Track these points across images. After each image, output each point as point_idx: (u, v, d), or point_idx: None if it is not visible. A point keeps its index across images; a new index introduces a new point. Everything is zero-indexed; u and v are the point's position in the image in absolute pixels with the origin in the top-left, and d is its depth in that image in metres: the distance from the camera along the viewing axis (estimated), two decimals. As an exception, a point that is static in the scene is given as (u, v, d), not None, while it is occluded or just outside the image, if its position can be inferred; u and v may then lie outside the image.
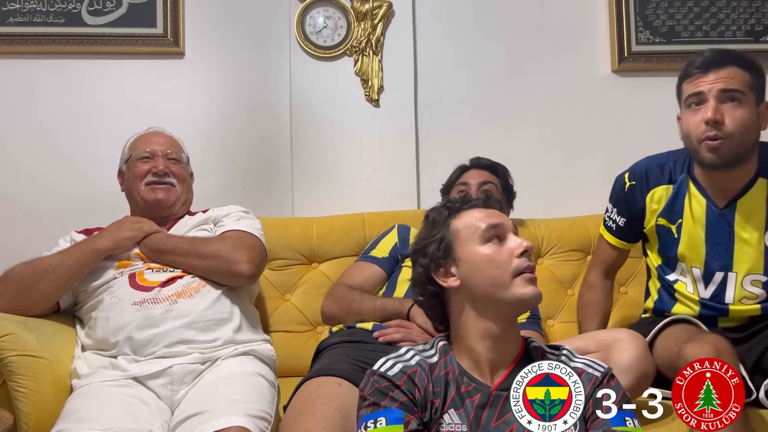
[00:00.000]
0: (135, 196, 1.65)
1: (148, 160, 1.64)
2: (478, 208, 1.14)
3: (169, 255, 1.52)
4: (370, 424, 1.00)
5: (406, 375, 1.05)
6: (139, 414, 1.25)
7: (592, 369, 1.07)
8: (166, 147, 1.67)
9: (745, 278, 1.45)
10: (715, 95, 1.38)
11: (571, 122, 2.26)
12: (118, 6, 2.14)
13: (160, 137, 1.70)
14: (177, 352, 1.38)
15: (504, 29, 2.26)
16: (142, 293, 1.44)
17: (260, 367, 1.43)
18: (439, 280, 1.12)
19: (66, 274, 1.45)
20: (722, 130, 1.37)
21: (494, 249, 1.09)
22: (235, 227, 1.60)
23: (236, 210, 1.69)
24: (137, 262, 1.53)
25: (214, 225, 1.65)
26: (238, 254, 1.50)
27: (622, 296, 1.96)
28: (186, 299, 1.44)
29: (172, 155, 1.67)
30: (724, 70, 1.39)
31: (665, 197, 1.52)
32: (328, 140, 2.16)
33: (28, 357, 1.31)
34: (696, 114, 1.40)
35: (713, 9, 2.28)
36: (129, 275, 1.49)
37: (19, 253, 1.56)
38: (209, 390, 1.32)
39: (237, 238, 1.55)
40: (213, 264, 1.50)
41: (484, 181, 1.79)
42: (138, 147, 1.67)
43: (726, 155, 1.38)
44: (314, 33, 2.18)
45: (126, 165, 1.68)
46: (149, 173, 1.62)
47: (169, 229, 1.63)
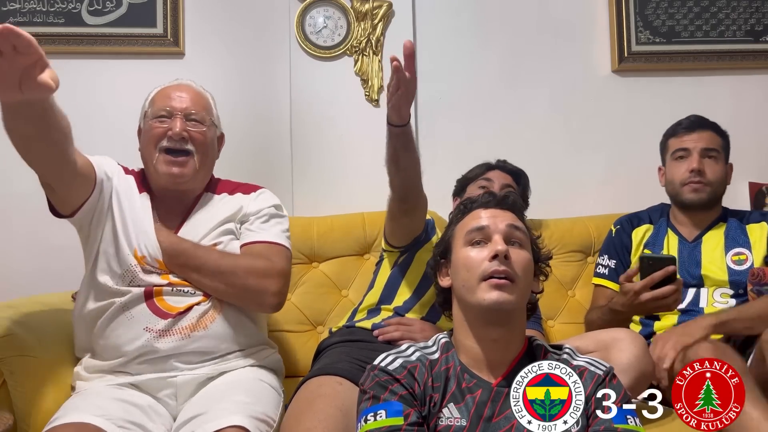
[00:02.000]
0: (148, 163, 1.46)
1: (164, 119, 1.44)
2: (483, 208, 1.15)
3: (193, 273, 1.38)
4: (370, 417, 1.01)
5: (407, 369, 1.05)
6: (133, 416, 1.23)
7: (594, 367, 1.08)
8: (188, 105, 1.46)
9: (715, 292, 1.69)
10: (699, 151, 1.72)
11: (571, 122, 2.26)
12: (118, 6, 2.14)
13: (183, 91, 1.48)
14: (182, 368, 1.35)
15: (504, 29, 2.26)
16: (157, 319, 1.34)
17: (266, 375, 1.41)
18: (439, 278, 1.16)
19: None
20: (704, 178, 1.71)
21: (473, 252, 1.09)
22: (265, 238, 1.46)
23: (267, 206, 1.52)
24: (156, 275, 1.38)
25: (240, 224, 1.49)
26: (268, 284, 1.39)
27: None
28: (200, 331, 1.36)
29: (194, 115, 1.46)
30: (705, 133, 1.74)
31: (648, 233, 1.81)
32: (328, 140, 2.16)
33: (28, 357, 1.31)
34: (681, 164, 1.74)
35: (713, 9, 2.28)
36: (146, 290, 1.36)
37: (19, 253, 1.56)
38: (213, 393, 1.30)
39: (267, 259, 1.42)
40: (239, 293, 1.39)
41: (506, 184, 1.78)
42: (156, 102, 1.47)
43: (704, 198, 1.72)
44: (314, 33, 2.18)
45: (144, 121, 1.49)
46: (164, 137, 1.43)
47: (189, 216, 1.47)
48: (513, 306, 1.06)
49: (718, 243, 1.74)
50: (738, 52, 2.28)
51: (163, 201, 1.47)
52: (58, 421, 1.17)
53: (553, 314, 1.94)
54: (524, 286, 1.08)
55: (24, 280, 1.95)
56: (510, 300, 1.04)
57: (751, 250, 1.70)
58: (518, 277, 1.06)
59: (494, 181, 1.78)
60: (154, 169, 1.44)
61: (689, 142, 1.74)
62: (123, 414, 1.21)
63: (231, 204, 1.51)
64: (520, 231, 1.12)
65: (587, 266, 1.96)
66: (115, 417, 1.19)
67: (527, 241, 1.13)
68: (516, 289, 1.06)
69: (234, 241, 1.47)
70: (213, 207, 1.50)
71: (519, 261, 1.08)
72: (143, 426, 1.23)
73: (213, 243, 1.44)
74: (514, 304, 1.06)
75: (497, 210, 1.14)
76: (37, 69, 0.96)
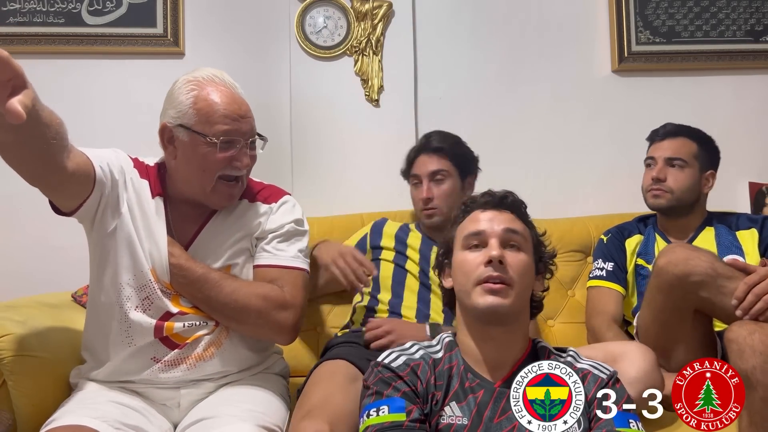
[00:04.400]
0: (193, 184, 1.32)
1: (227, 146, 1.28)
2: (481, 210, 1.15)
3: (201, 304, 1.30)
4: (372, 412, 1.02)
5: (410, 367, 1.07)
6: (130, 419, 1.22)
7: (598, 371, 1.08)
8: (251, 128, 1.32)
9: None
10: (663, 160, 1.77)
11: (571, 122, 2.26)
12: (118, 6, 2.14)
13: (243, 109, 1.31)
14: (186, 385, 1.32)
15: (504, 29, 2.26)
16: (164, 348, 1.28)
17: (273, 381, 1.40)
18: (443, 279, 1.18)
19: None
20: (665, 186, 1.75)
21: (470, 256, 1.10)
22: (281, 263, 1.36)
23: (287, 222, 1.40)
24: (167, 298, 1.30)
25: (257, 241, 1.39)
26: (282, 318, 1.30)
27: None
28: (207, 360, 1.30)
29: (253, 139, 1.34)
30: (676, 141, 1.78)
31: (639, 242, 1.82)
32: (328, 140, 2.16)
33: (28, 357, 1.31)
34: (649, 172, 1.81)
35: (713, 9, 2.28)
36: (157, 324, 1.28)
37: (19, 253, 1.56)
38: (220, 398, 1.29)
39: (281, 290, 1.32)
40: (251, 329, 1.33)
41: (435, 171, 1.73)
42: (213, 121, 1.27)
43: (663, 203, 1.76)
44: (314, 33, 2.17)
45: (187, 134, 1.28)
46: (228, 165, 1.29)
47: (205, 225, 1.36)
48: (508, 310, 1.06)
49: (710, 250, 1.71)
50: (738, 52, 2.28)
51: (180, 206, 1.36)
52: (54, 423, 1.16)
53: (553, 314, 1.93)
54: (521, 288, 1.08)
55: (24, 280, 1.94)
56: (504, 304, 1.05)
57: (745, 258, 1.67)
58: (514, 281, 1.07)
59: (421, 174, 1.74)
60: (204, 193, 1.32)
61: (656, 150, 1.79)
62: (120, 416, 1.20)
63: (249, 215, 1.40)
64: (518, 233, 1.12)
65: (587, 266, 1.96)
66: (112, 419, 1.18)
67: (526, 242, 1.13)
68: (512, 293, 1.06)
69: (249, 262, 1.38)
70: (231, 216, 1.39)
71: (515, 264, 1.08)
72: (140, 429, 1.22)
73: (227, 265, 1.35)
74: (509, 307, 1.06)
75: (495, 212, 1.14)
76: (7, 90, 0.87)
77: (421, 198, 1.72)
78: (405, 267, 1.69)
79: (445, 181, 1.73)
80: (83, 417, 1.17)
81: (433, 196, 1.71)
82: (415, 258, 1.70)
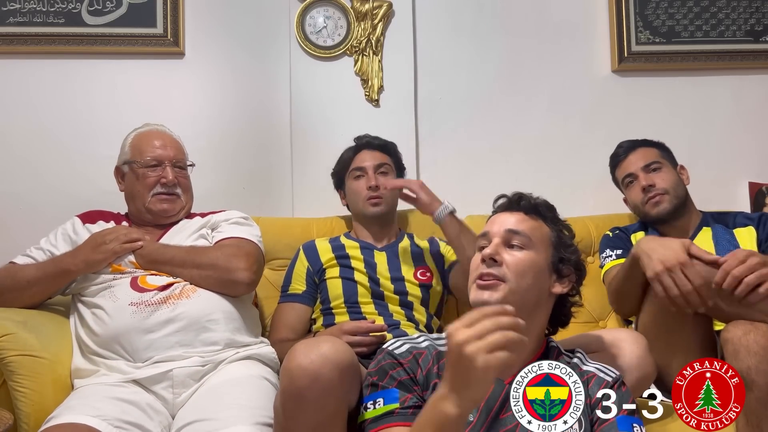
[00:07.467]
0: (138, 204, 1.62)
1: (155, 168, 1.61)
2: (496, 214, 1.20)
3: (166, 266, 1.50)
4: (369, 405, 1.06)
5: (412, 354, 1.10)
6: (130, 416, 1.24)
7: (603, 374, 1.10)
8: (174, 154, 1.64)
9: None
10: (642, 169, 1.80)
11: (571, 122, 2.26)
12: (118, 6, 2.14)
13: (166, 140, 1.65)
14: (176, 356, 1.37)
15: (504, 29, 2.27)
16: (140, 294, 1.43)
17: (264, 370, 1.42)
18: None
19: (43, 291, 1.50)
20: (658, 189, 1.77)
21: (477, 256, 1.15)
22: (233, 234, 1.58)
23: (235, 216, 1.67)
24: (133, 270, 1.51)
25: (211, 230, 1.62)
26: (236, 262, 1.48)
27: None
28: (184, 300, 1.43)
29: (179, 163, 1.64)
30: (639, 151, 1.83)
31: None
32: (328, 140, 2.16)
33: (28, 357, 1.31)
34: (634, 187, 1.82)
35: (713, 9, 2.28)
36: (132, 278, 1.47)
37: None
38: (214, 394, 1.31)
39: (235, 246, 1.54)
40: (211, 273, 1.48)
41: (379, 164, 1.79)
42: (143, 151, 1.62)
43: (668, 206, 1.77)
44: (314, 33, 2.18)
45: (128, 167, 1.64)
46: (157, 184, 1.60)
47: (164, 234, 1.61)
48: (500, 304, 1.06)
49: (707, 248, 1.70)
50: (738, 52, 2.28)
51: (141, 226, 1.62)
52: (53, 421, 1.18)
53: (553, 314, 1.93)
54: (518, 286, 1.09)
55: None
56: (495, 299, 1.07)
57: None
58: (508, 278, 1.09)
59: (366, 166, 1.78)
60: (146, 209, 1.61)
61: (628, 167, 1.83)
62: (119, 414, 1.22)
63: (202, 222, 1.65)
64: (520, 234, 1.13)
65: (587, 266, 1.96)
66: (111, 417, 1.19)
67: (533, 242, 1.13)
68: (503, 289, 1.08)
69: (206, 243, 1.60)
70: (187, 224, 1.65)
71: (512, 263, 1.10)
72: (140, 425, 1.23)
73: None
74: (502, 302, 1.05)
75: (505, 214, 1.18)
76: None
77: (369, 185, 1.76)
78: (354, 279, 1.68)
79: (389, 175, 1.80)
80: (82, 415, 1.18)
81: (379, 185, 1.75)
82: (360, 267, 1.69)
